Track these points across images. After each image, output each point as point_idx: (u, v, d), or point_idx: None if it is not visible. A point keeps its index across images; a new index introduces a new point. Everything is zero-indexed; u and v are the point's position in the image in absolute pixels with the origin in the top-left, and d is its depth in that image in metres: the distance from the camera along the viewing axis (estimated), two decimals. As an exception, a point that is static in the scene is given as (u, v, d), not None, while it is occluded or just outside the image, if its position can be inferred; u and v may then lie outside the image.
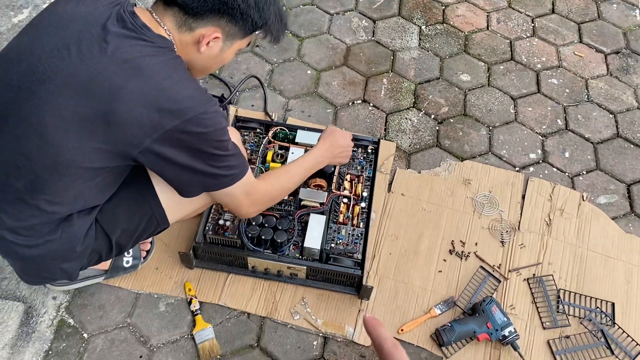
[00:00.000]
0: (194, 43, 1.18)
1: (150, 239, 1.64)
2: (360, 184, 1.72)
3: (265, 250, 1.57)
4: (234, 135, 1.45)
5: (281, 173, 1.44)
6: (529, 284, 1.65)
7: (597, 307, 1.62)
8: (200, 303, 1.56)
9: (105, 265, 1.55)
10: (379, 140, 1.81)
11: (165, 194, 1.32)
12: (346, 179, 1.73)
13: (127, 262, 1.57)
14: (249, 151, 1.78)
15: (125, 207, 1.31)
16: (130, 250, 1.57)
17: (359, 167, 1.77)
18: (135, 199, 1.32)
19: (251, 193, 1.30)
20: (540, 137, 2.03)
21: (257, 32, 1.24)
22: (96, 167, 1.14)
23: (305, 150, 1.74)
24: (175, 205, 1.35)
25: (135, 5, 1.16)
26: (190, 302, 1.55)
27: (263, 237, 1.55)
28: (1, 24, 2.18)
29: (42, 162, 1.10)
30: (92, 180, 1.17)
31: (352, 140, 1.67)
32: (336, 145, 1.57)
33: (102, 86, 1.04)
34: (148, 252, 1.63)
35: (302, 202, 1.64)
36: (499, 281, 1.65)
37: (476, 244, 1.72)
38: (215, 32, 1.16)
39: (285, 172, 1.45)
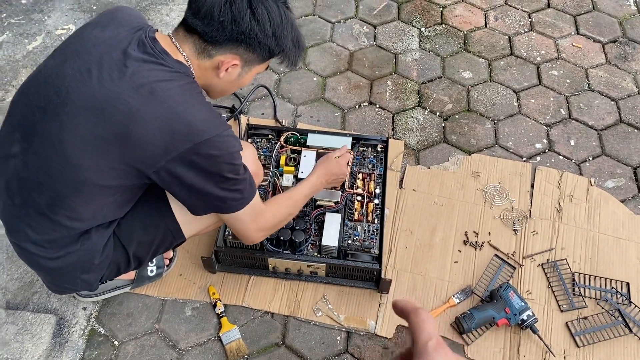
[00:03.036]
0: (212, 68, 1.22)
1: (172, 247, 1.69)
2: (372, 182, 1.77)
3: (285, 251, 1.62)
4: (250, 152, 1.48)
5: (284, 200, 1.45)
6: (543, 269, 1.69)
7: (613, 288, 1.65)
8: (225, 306, 1.61)
9: (130, 275, 1.60)
10: (387, 139, 1.86)
11: (180, 209, 1.35)
12: (358, 178, 1.78)
13: (152, 271, 1.63)
14: (262, 157, 1.83)
15: (141, 221, 1.35)
16: (154, 260, 1.63)
17: (370, 166, 1.83)
18: (150, 213, 1.36)
19: (258, 219, 1.32)
20: (544, 127, 2.08)
21: (274, 58, 1.28)
22: (113, 185, 1.19)
23: (317, 152, 1.79)
24: (190, 221, 1.38)
25: (157, 31, 1.21)
26: (215, 305, 1.60)
27: (282, 237, 1.59)
28: (17, 51, 2.27)
29: (61, 179, 1.15)
30: (110, 197, 1.22)
31: (348, 162, 1.68)
32: (330, 174, 1.60)
33: (118, 109, 1.08)
34: (171, 260, 1.69)
35: (318, 202, 1.69)
36: (514, 268, 1.68)
37: (489, 233, 1.76)
38: (234, 59, 1.21)
39: (288, 199, 1.46)
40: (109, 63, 1.11)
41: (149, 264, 1.62)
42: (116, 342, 1.55)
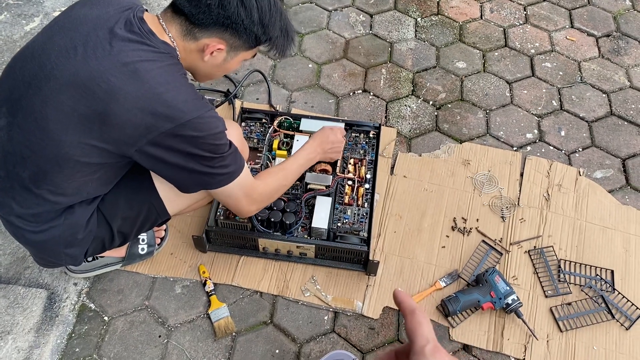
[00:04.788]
0: (197, 51, 1.23)
1: (164, 227, 1.71)
2: (363, 167, 1.79)
3: (275, 232, 1.64)
4: (235, 130, 1.49)
5: (277, 172, 1.47)
6: (530, 255, 1.71)
7: (597, 275, 1.67)
8: (215, 284, 1.63)
9: (121, 252, 1.62)
10: (380, 125, 1.88)
11: (163, 186, 1.36)
12: (350, 163, 1.80)
13: (143, 249, 1.64)
14: (255, 140, 1.85)
15: (124, 197, 1.36)
16: (145, 238, 1.64)
17: (361, 152, 1.84)
18: (134, 189, 1.37)
19: (249, 193, 1.34)
20: (536, 117, 2.10)
21: (261, 46, 1.29)
22: (94, 163, 1.19)
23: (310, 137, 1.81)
24: (174, 198, 1.39)
25: (146, 11, 1.22)
26: (204, 284, 1.62)
27: (272, 219, 1.61)
28: (14, 32, 2.28)
29: (44, 154, 1.16)
30: (93, 174, 1.23)
31: (343, 136, 1.69)
32: (326, 141, 1.61)
33: (101, 87, 1.09)
34: (162, 239, 1.70)
35: (309, 186, 1.71)
36: (501, 254, 1.71)
37: (477, 220, 1.79)
38: (220, 43, 1.21)
39: (281, 170, 1.48)
40: (95, 41, 1.12)
41: (140, 242, 1.64)
42: (106, 318, 1.57)
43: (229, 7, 1.16)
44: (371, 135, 1.89)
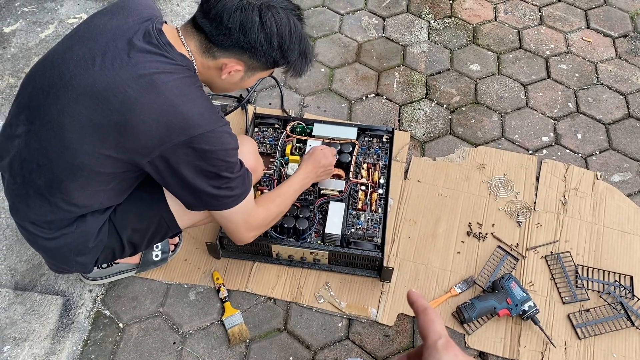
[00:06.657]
0: (215, 69, 1.23)
1: (178, 233, 1.71)
2: (377, 172, 1.77)
3: (288, 238, 1.64)
4: (250, 146, 1.49)
5: (275, 197, 1.46)
6: (546, 261, 1.69)
7: (616, 281, 1.64)
8: (228, 291, 1.62)
9: (136, 259, 1.63)
10: (393, 129, 1.87)
11: (175, 199, 1.35)
12: (363, 168, 1.79)
13: (157, 255, 1.65)
14: (268, 145, 1.85)
15: (135, 208, 1.37)
16: (159, 245, 1.65)
17: (375, 156, 1.83)
18: (145, 201, 1.37)
19: (250, 219, 1.33)
20: (551, 120, 2.07)
21: (278, 67, 1.29)
22: (108, 173, 1.20)
23: (322, 142, 1.81)
24: (185, 212, 1.37)
25: (165, 23, 1.22)
26: (218, 290, 1.62)
27: (285, 225, 1.61)
28: (29, 39, 2.30)
29: (59, 163, 1.17)
30: (106, 185, 1.24)
31: (334, 155, 1.68)
32: (318, 166, 1.60)
33: (117, 98, 1.10)
34: (176, 245, 1.71)
35: (322, 191, 1.71)
36: (517, 260, 1.68)
37: (493, 225, 1.76)
38: (238, 64, 1.21)
39: (279, 196, 1.47)
40: (113, 52, 1.12)
41: (154, 248, 1.64)
42: (121, 325, 1.58)
43: (249, 32, 1.16)
44: (384, 140, 1.87)
